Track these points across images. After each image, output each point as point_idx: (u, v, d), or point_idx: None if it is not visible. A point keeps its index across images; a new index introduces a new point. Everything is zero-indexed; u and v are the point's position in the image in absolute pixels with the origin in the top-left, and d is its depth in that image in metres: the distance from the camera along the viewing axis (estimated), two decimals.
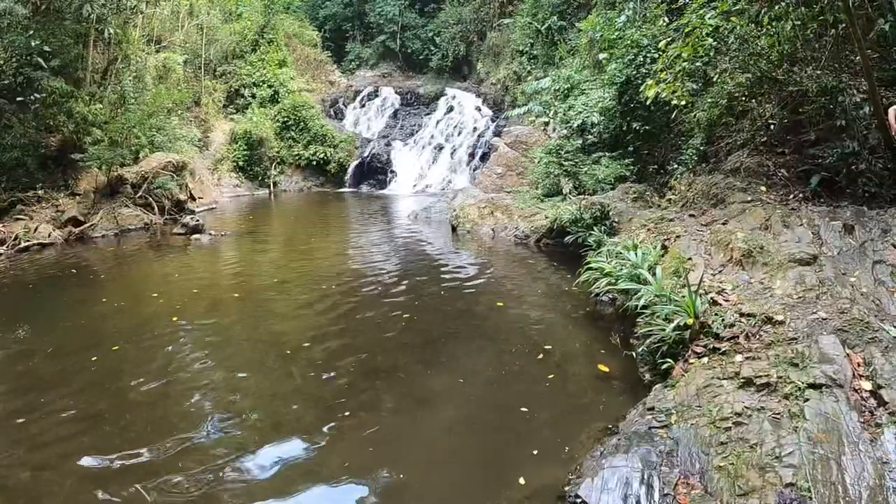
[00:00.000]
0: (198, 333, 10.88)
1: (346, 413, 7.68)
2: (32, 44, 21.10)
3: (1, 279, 16.03)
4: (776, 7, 10.96)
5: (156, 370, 9.17)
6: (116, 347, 10.13)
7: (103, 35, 25.04)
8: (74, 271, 16.52)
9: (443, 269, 15.51)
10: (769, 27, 11.30)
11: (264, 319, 11.72)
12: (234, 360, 9.57)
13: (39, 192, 22.08)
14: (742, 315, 7.59)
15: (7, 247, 18.97)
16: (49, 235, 20.00)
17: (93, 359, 9.57)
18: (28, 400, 8.34)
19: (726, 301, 8.10)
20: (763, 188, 11.20)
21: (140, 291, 14.22)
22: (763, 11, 11.32)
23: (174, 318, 11.46)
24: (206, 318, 11.85)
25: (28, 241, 19.40)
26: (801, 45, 11.14)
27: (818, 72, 10.71)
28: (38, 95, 21.65)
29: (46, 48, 21.70)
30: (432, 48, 47.90)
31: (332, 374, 8.91)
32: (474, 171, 32.81)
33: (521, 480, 6.20)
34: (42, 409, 8.03)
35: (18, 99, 21.65)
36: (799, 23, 10.92)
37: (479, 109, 39.44)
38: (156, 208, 23.92)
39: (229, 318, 11.82)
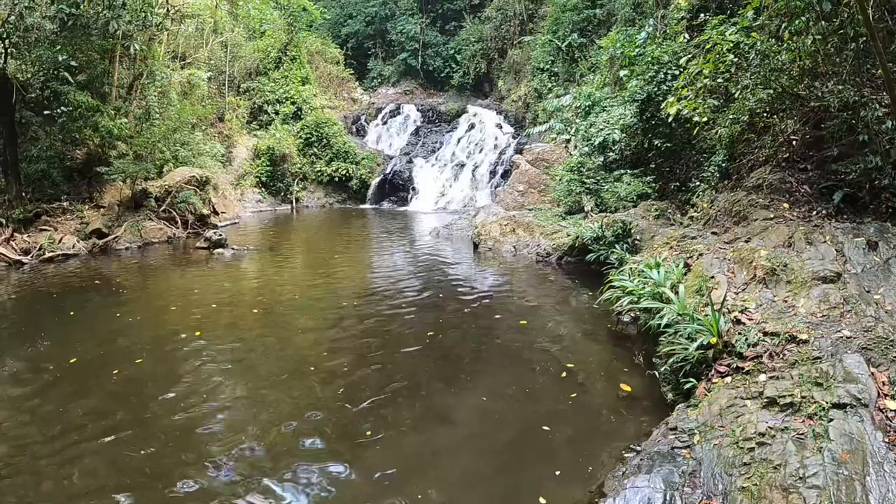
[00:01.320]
0: (220, 348, 10.96)
1: (368, 430, 7.70)
2: (59, 58, 21.51)
3: (25, 288, 16.35)
4: (796, 22, 10.91)
5: (178, 384, 9.27)
6: (139, 360, 10.26)
7: (129, 51, 25.43)
8: (98, 282, 16.76)
9: (464, 286, 15.52)
10: (790, 42, 11.25)
11: (286, 335, 11.79)
12: (257, 376, 9.62)
13: (64, 203, 22.51)
14: (765, 334, 7.52)
15: (32, 256, 19.37)
16: (73, 246, 20.40)
17: (114, 372, 9.71)
18: (49, 409, 8.48)
19: (749, 320, 8.04)
20: (786, 205, 11.12)
21: (163, 304, 14.34)
22: (783, 26, 11.28)
23: (197, 333, 11.58)
24: (229, 332, 11.96)
25: (52, 251, 19.82)
26: (821, 60, 11.07)
27: (839, 86, 10.63)
28: (64, 109, 22.03)
29: (73, 63, 22.10)
30: (453, 66, 48.11)
31: (354, 390, 8.94)
32: (496, 188, 32.79)
33: (542, 500, 6.17)
34: (62, 419, 8.15)
35: (45, 112, 22.20)
36: (819, 37, 10.86)
37: (501, 127, 39.50)
38: (179, 222, 24.25)
39: (252, 333, 11.87)
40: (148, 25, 26.31)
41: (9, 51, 20.91)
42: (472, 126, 40.34)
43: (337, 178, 37.32)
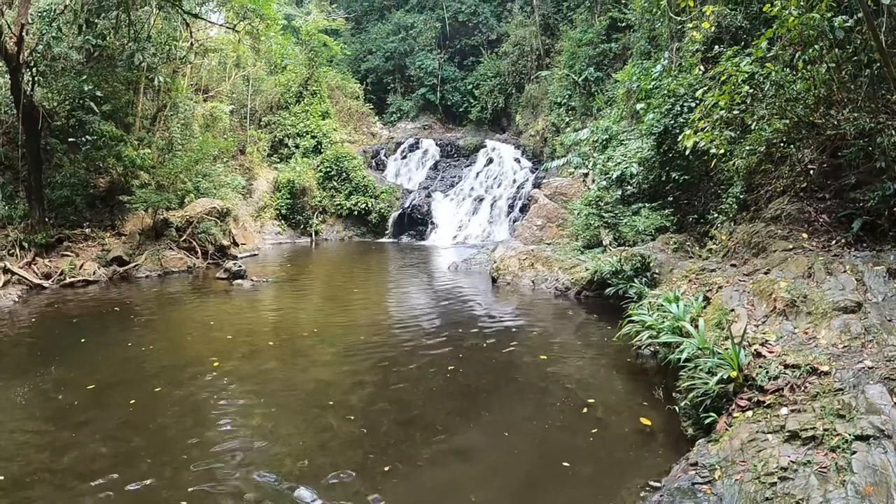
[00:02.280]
0: (238, 379, 10.98)
1: (385, 465, 7.64)
2: (85, 88, 22.16)
3: (46, 313, 16.60)
4: (810, 50, 10.90)
5: (194, 414, 9.32)
6: (158, 389, 10.32)
7: (153, 83, 26.04)
8: (117, 309, 16.92)
9: (483, 320, 15.45)
10: (804, 71, 11.23)
11: (304, 367, 11.77)
12: (273, 408, 9.61)
13: (86, 230, 23.01)
14: (786, 366, 7.44)
15: (53, 281, 19.75)
16: (94, 273, 20.78)
17: (131, 401, 9.75)
18: (64, 435, 8.56)
19: (770, 352, 7.96)
20: (804, 235, 11.04)
21: (181, 334, 14.46)
22: (797, 55, 11.27)
23: (215, 363, 11.62)
24: (247, 363, 11.98)
25: (73, 276, 20.22)
26: (836, 88, 11.04)
27: (855, 114, 10.59)
28: (88, 138, 22.68)
29: (99, 93, 22.81)
30: (471, 100, 48.43)
31: (372, 424, 8.90)
32: (514, 222, 32.79)
33: None
34: (77, 445, 8.23)
35: (70, 140, 22.82)
36: (833, 65, 10.85)
37: (519, 161, 39.61)
38: (199, 252, 24.52)
39: (269, 365, 11.87)
40: (172, 58, 27.06)
41: (36, 79, 21.60)
42: (490, 160, 40.49)
43: (356, 212, 37.50)
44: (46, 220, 21.80)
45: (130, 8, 23.91)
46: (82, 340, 13.63)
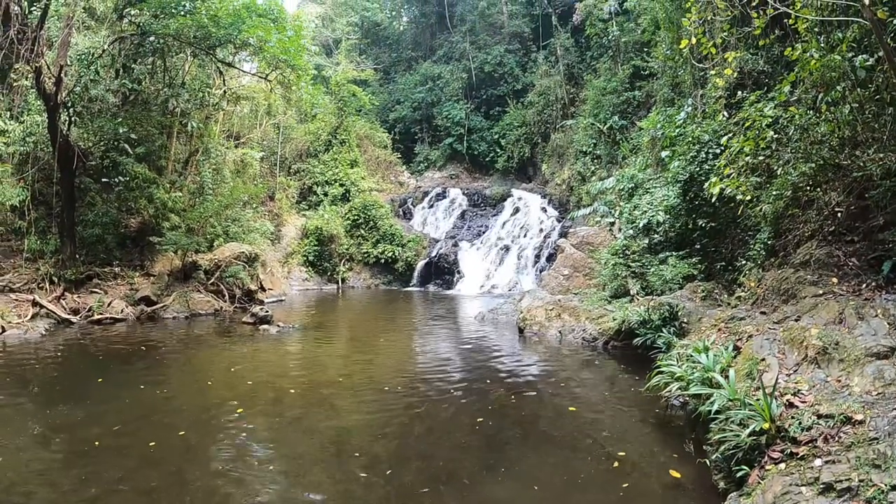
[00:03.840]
0: (262, 426, 10.88)
1: None
2: (120, 130, 22.91)
3: (72, 348, 16.87)
4: (833, 92, 10.82)
5: (217, 459, 9.21)
6: (182, 433, 10.24)
7: (186, 128, 26.78)
8: (143, 348, 17.10)
9: (510, 371, 15.25)
10: (827, 113, 11.13)
11: (328, 415, 11.63)
12: (298, 456, 9.47)
13: (116, 268, 23.57)
14: (819, 416, 7.22)
15: (81, 316, 20.15)
16: (122, 311, 21.22)
17: (151, 443, 9.68)
18: (82, 472, 8.57)
19: (803, 402, 7.74)
20: (834, 279, 10.80)
21: (206, 377, 14.45)
22: (820, 97, 11.19)
23: (239, 410, 11.52)
24: (271, 410, 11.89)
25: (101, 313, 20.66)
26: (860, 128, 10.89)
27: (881, 154, 10.42)
28: (122, 178, 23.41)
29: (133, 136, 23.57)
30: (498, 150, 48.86)
31: (397, 475, 8.72)
32: (541, 272, 32.68)
33: None
34: (95, 483, 8.22)
35: (104, 180, 23.62)
36: (856, 105, 10.73)
37: (545, 210, 39.69)
38: (226, 296, 24.78)
39: (294, 412, 11.76)
40: (205, 105, 27.85)
41: (73, 119, 22.37)
42: (516, 209, 40.64)
43: (383, 260, 37.78)
44: (77, 256, 22.44)
45: (166, 55, 24.91)
46: (107, 378, 13.75)
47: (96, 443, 9.71)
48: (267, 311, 21.61)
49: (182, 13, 22.22)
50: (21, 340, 18.01)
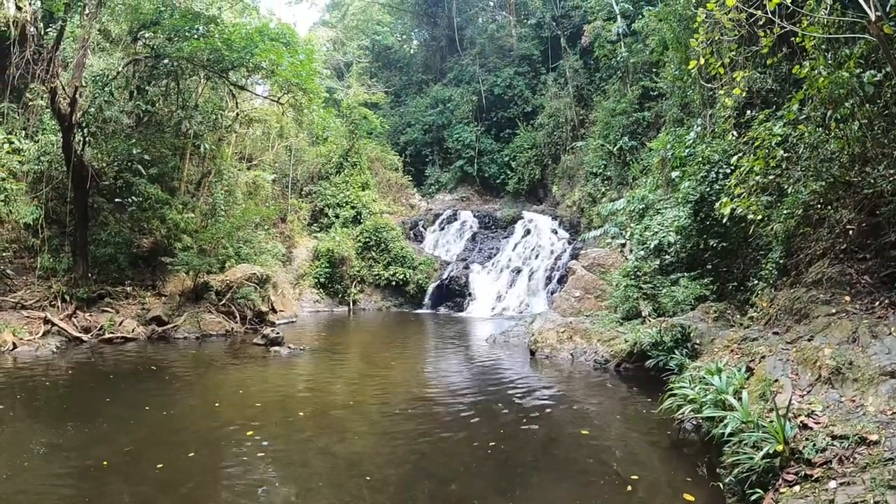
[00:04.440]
0: (273, 448, 10.78)
1: None
2: (134, 151, 23.29)
3: (83, 367, 16.94)
4: (841, 108, 10.76)
5: (226, 481, 9.19)
6: (192, 454, 10.16)
7: (199, 150, 27.13)
8: (154, 368, 17.13)
9: (521, 394, 15.13)
10: (836, 130, 11.07)
11: (340, 438, 11.53)
12: (308, 479, 9.38)
13: (128, 288, 23.82)
14: (834, 437, 7.13)
15: (92, 335, 20.33)
16: (133, 331, 21.32)
17: (160, 465, 9.60)
18: (90, 492, 8.56)
19: (817, 423, 7.64)
20: (847, 298, 10.68)
21: (216, 398, 14.38)
22: (829, 114, 11.13)
23: (249, 432, 11.42)
24: (282, 432, 11.80)
25: (112, 332, 20.82)
26: (870, 144, 10.81)
27: (891, 170, 10.35)
28: (135, 199, 23.74)
29: (146, 156, 23.94)
30: (508, 172, 48.90)
31: (407, 499, 8.66)
32: (552, 294, 32.49)
33: None
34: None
35: (116, 200, 23.94)
36: (865, 121, 10.67)
37: (556, 232, 39.60)
38: (238, 317, 24.77)
39: (304, 434, 11.68)
40: (218, 127, 28.24)
41: (87, 139, 22.72)
42: (527, 232, 40.56)
43: (394, 282, 37.75)
44: (89, 275, 22.66)
45: (180, 77, 25.24)
46: (116, 397, 13.79)
47: (104, 462, 9.66)
48: (278, 333, 21.56)
49: (196, 37, 22.62)
50: (32, 357, 18.16)
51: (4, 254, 21.72)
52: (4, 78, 21.72)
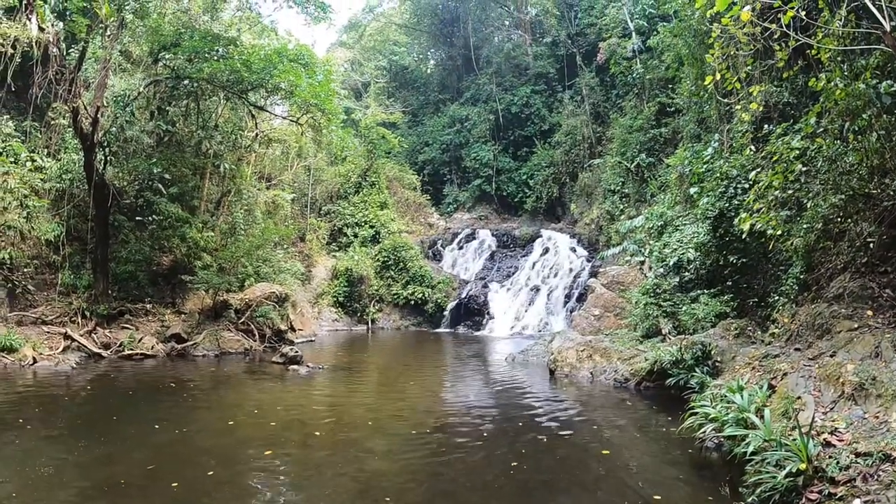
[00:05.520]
0: (291, 468, 10.73)
1: None
2: (154, 170, 23.69)
3: (102, 382, 17.08)
4: (859, 120, 10.67)
5: (245, 500, 9.14)
6: (210, 472, 10.10)
7: (219, 169, 27.49)
8: (173, 385, 17.17)
9: (541, 413, 15.00)
10: (855, 142, 10.97)
11: (358, 458, 11.43)
12: (326, 498, 9.28)
13: (147, 305, 24.01)
14: (858, 455, 7.02)
15: (111, 351, 20.56)
16: (152, 347, 21.42)
17: (177, 483, 9.54)
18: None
19: (840, 441, 7.53)
20: (869, 312, 10.54)
21: (235, 415, 14.32)
22: (847, 127, 11.03)
23: (267, 451, 11.31)
24: (300, 451, 11.79)
25: (132, 349, 20.92)
26: (888, 156, 10.71)
27: None
28: (155, 217, 24.05)
29: (167, 176, 24.32)
30: (526, 190, 48.86)
31: None
32: (571, 312, 32.35)
33: None
34: None
35: (137, 218, 24.25)
36: (883, 132, 10.57)
37: (574, 250, 39.44)
38: (256, 335, 24.88)
39: (323, 454, 11.62)
40: (237, 147, 28.64)
41: (108, 158, 23.17)
42: (546, 250, 40.44)
43: (413, 301, 37.81)
44: (110, 292, 22.87)
45: (200, 98, 25.56)
46: (135, 414, 13.85)
47: (122, 480, 9.60)
48: (297, 352, 21.55)
49: (215, 58, 22.95)
50: (52, 372, 18.29)
51: (26, 269, 21.98)
52: (27, 97, 22.08)
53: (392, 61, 61.07)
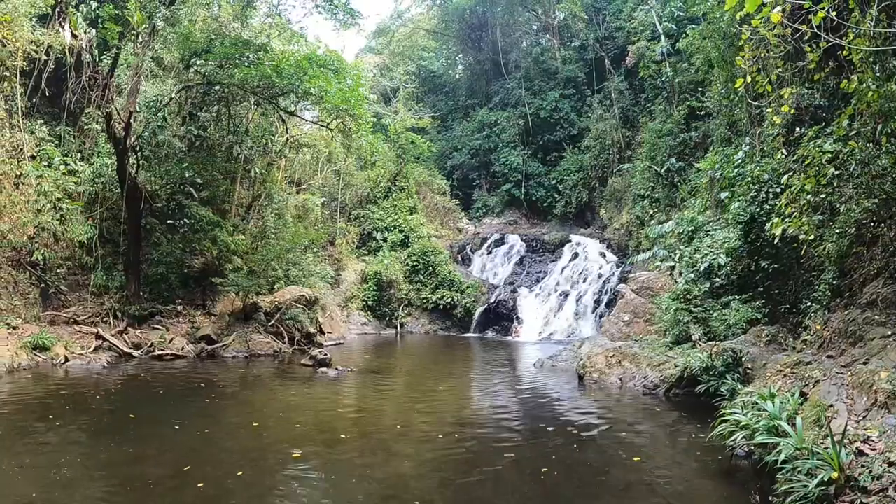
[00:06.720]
0: (320, 471, 10.76)
1: None
2: (186, 174, 24.10)
3: (134, 382, 17.43)
4: (892, 122, 10.47)
5: (273, 502, 9.16)
6: (240, 473, 10.13)
7: (250, 174, 27.95)
8: (202, 386, 17.40)
9: (570, 419, 14.91)
10: (888, 145, 10.78)
11: (386, 461, 11.47)
12: (354, 501, 9.34)
13: (178, 307, 24.51)
14: (891, 464, 6.93)
15: (142, 351, 20.98)
16: (182, 348, 21.82)
17: (207, 484, 9.63)
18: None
19: (873, 450, 7.40)
20: None
21: (263, 417, 14.45)
22: (879, 129, 10.84)
23: (295, 454, 11.33)
24: (328, 453, 11.82)
25: (162, 349, 21.35)
26: None
27: None
28: (187, 221, 24.53)
29: (198, 180, 24.75)
30: (555, 195, 48.74)
31: None
32: (600, 318, 32.15)
33: None
34: None
35: (169, 221, 24.75)
36: None
37: (604, 255, 39.26)
38: (286, 338, 25.08)
39: (350, 456, 11.63)
40: (268, 152, 28.99)
41: (141, 163, 23.76)
42: (575, 255, 40.29)
43: (441, 306, 37.84)
44: (141, 293, 23.43)
45: (230, 103, 25.90)
46: (165, 413, 13.96)
47: (149, 480, 9.68)
48: (326, 354, 21.69)
49: (246, 64, 23.27)
50: (83, 371, 18.70)
51: (59, 270, 22.54)
52: (61, 102, 22.62)
53: (421, 66, 61.26)
